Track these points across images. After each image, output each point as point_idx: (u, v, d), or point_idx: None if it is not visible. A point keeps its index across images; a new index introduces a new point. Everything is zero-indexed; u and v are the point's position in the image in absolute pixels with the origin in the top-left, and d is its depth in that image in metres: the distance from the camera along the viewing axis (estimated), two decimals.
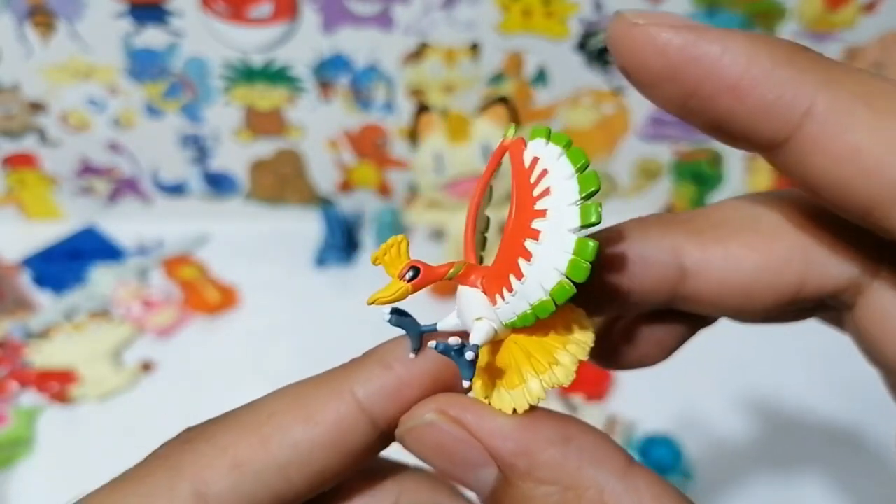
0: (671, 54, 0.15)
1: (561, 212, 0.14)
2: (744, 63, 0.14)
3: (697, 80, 0.15)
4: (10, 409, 0.53)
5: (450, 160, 0.57)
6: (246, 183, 0.66)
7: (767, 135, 0.15)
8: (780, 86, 0.14)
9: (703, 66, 0.15)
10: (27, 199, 0.67)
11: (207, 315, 0.60)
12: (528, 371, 0.16)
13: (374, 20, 0.56)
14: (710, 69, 0.15)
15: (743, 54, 0.14)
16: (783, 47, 0.15)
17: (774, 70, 0.14)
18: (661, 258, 0.18)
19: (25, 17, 0.55)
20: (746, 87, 0.14)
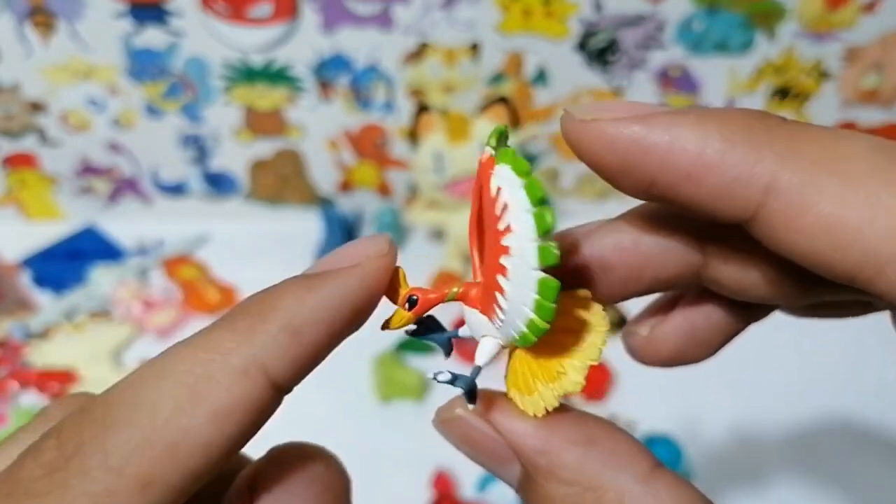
0: (621, 149, 0.15)
1: (522, 250, 0.14)
2: (694, 149, 0.14)
3: (652, 172, 0.15)
4: (10, 409, 0.53)
5: (450, 160, 0.57)
6: (246, 183, 0.66)
7: (732, 213, 0.14)
8: (735, 167, 0.14)
9: (655, 157, 0.14)
10: (27, 199, 0.67)
11: (207, 315, 0.60)
12: (538, 380, 0.16)
13: (374, 20, 0.56)
14: (663, 160, 0.14)
15: (693, 140, 0.14)
16: (736, 123, 0.14)
17: (728, 152, 0.14)
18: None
19: (25, 17, 0.56)
20: (700, 173, 0.14)
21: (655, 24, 0.56)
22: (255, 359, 0.14)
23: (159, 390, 0.14)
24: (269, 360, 0.15)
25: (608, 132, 0.15)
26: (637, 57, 0.58)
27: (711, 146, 0.14)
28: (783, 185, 0.13)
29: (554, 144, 0.63)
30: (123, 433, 0.13)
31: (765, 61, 0.57)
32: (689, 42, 0.56)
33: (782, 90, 0.59)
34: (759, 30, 0.56)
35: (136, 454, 0.13)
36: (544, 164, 0.64)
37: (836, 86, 0.59)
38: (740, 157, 0.14)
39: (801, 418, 0.51)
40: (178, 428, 0.14)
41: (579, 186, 0.65)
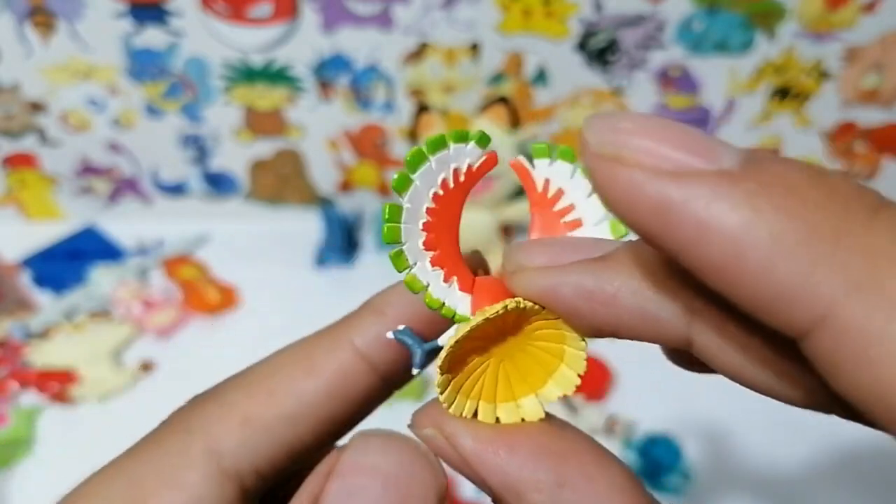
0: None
1: (593, 230, 0.16)
2: (766, 247, 0.11)
3: (699, 250, 0.11)
4: (10, 409, 0.53)
5: None
6: (246, 183, 0.66)
7: (784, 324, 0.11)
8: (782, 283, 0.11)
9: (711, 237, 0.11)
10: (27, 199, 0.67)
11: (207, 315, 0.60)
12: (523, 387, 0.16)
13: (374, 20, 0.56)
14: (723, 245, 0.11)
15: (767, 234, 0.11)
16: (827, 222, 0.11)
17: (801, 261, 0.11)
18: (666, 321, 0.14)
19: (25, 17, 0.55)
20: (760, 276, 0.11)
21: (655, 24, 0.56)
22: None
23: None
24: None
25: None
26: (637, 57, 0.58)
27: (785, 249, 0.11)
28: (845, 323, 0.10)
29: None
30: (237, 381, 0.18)
31: (765, 61, 0.57)
32: (689, 42, 0.57)
33: (782, 90, 0.59)
34: (759, 30, 0.56)
35: (242, 397, 0.17)
36: None
37: (836, 86, 0.59)
38: (789, 271, 0.11)
39: (802, 418, 0.51)
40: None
41: None
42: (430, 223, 0.16)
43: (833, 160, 0.63)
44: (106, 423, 0.53)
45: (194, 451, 0.16)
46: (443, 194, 0.16)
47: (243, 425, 0.16)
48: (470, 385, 0.16)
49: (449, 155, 0.16)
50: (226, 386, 0.18)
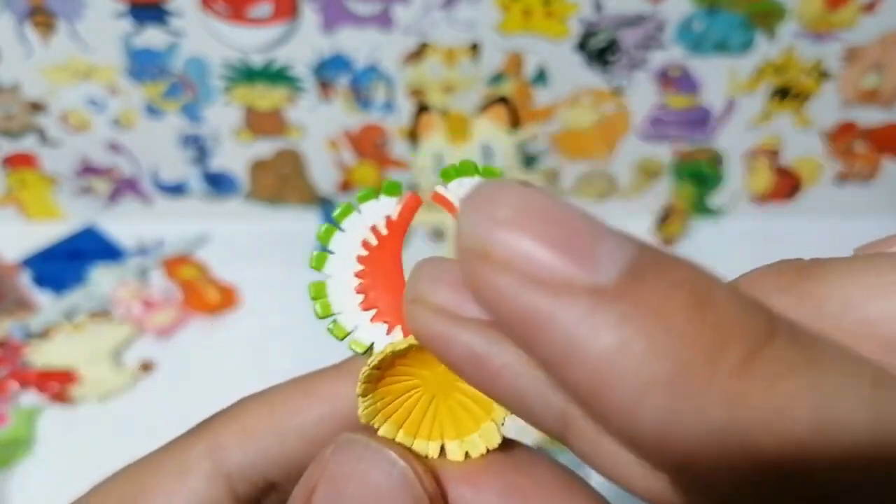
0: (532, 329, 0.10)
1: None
2: (630, 385, 0.10)
3: (564, 370, 0.10)
4: (10, 409, 0.53)
5: (450, 160, 0.57)
6: (246, 183, 0.66)
7: (646, 460, 0.11)
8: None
9: (576, 362, 0.10)
10: (27, 199, 0.67)
11: (207, 315, 0.60)
12: (450, 430, 0.15)
13: (374, 20, 0.56)
14: (587, 373, 0.10)
15: (633, 370, 0.10)
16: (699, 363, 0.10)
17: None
18: (543, 415, 0.13)
19: (25, 17, 0.55)
20: (623, 413, 0.10)
21: (655, 24, 0.56)
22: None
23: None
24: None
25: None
26: (637, 57, 0.58)
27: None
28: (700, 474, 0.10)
29: (554, 144, 0.63)
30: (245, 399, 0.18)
31: (765, 61, 0.57)
32: (689, 42, 0.57)
33: (782, 90, 0.59)
34: (759, 30, 0.56)
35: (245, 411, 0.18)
36: (544, 164, 0.64)
37: (836, 86, 0.59)
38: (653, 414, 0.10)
39: None
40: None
41: (579, 186, 0.65)
42: (365, 284, 0.16)
43: (833, 160, 0.63)
44: (106, 423, 0.53)
45: (196, 452, 0.17)
46: (367, 254, 0.16)
47: (242, 433, 0.17)
48: (400, 415, 0.15)
49: (361, 216, 0.16)
50: (234, 404, 0.18)
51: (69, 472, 0.49)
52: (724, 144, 0.63)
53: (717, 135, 0.62)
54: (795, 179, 0.65)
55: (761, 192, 0.65)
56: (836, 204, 0.65)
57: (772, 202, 0.66)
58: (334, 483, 0.14)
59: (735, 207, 0.66)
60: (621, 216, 0.66)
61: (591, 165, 0.64)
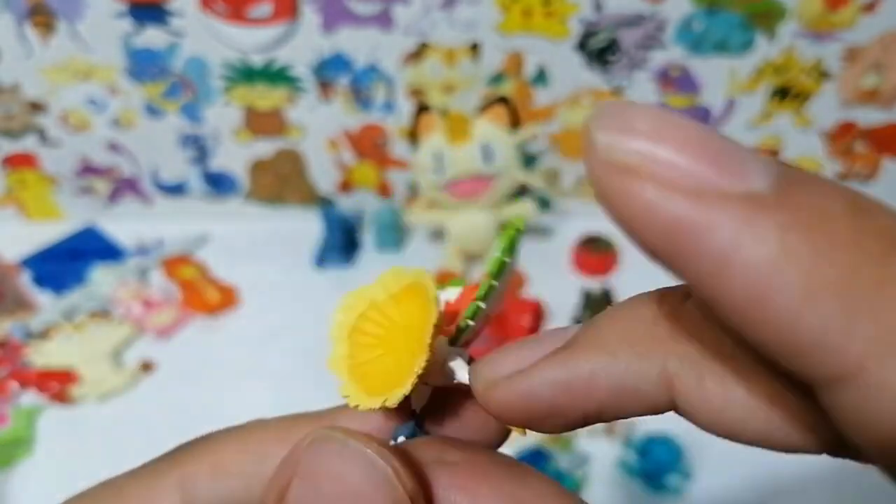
0: (681, 242, 0.10)
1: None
2: (796, 291, 0.09)
3: (717, 284, 0.10)
4: (10, 409, 0.53)
5: (450, 160, 0.57)
6: (246, 183, 0.66)
7: (804, 373, 0.10)
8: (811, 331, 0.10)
9: (733, 274, 0.10)
10: (27, 199, 0.67)
11: (207, 315, 0.60)
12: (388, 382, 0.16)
13: (374, 20, 0.56)
14: (746, 284, 0.10)
15: (798, 276, 0.09)
16: (868, 266, 0.10)
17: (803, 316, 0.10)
18: (645, 389, 0.13)
19: (25, 17, 0.55)
20: (785, 322, 0.10)
21: (655, 24, 0.56)
22: None
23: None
24: None
25: (667, 209, 0.10)
26: (637, 57, 0.58)
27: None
28: (881, 382, 0.09)
29: (554, 144, 0.63)
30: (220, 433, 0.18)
31: (765, 61, 0.57)
32: (689, 42, 0.57)
33: (782, 90, 0.59)
34: (759, 30, 0.56)
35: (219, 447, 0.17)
36: (544, 164, 0.64)
37: (836, 86, 0.59)
38: (820, 321, 0.10)
39: None
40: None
41: (579, 186, 0.65)
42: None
43: (833, 160, 0.63)
44: (106, 423, 0.53)
45: (166, 483, 0.17)
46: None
47: (213, 469, 0.17)
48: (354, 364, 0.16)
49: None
50: (209, 435, 0.18)
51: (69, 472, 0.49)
52: None
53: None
54: None
55: None
56: None
57: None
58: (310, 480, 0.14)
59: None
60: None
61: None
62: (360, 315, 0.16)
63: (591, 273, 0.62)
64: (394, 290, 0.16)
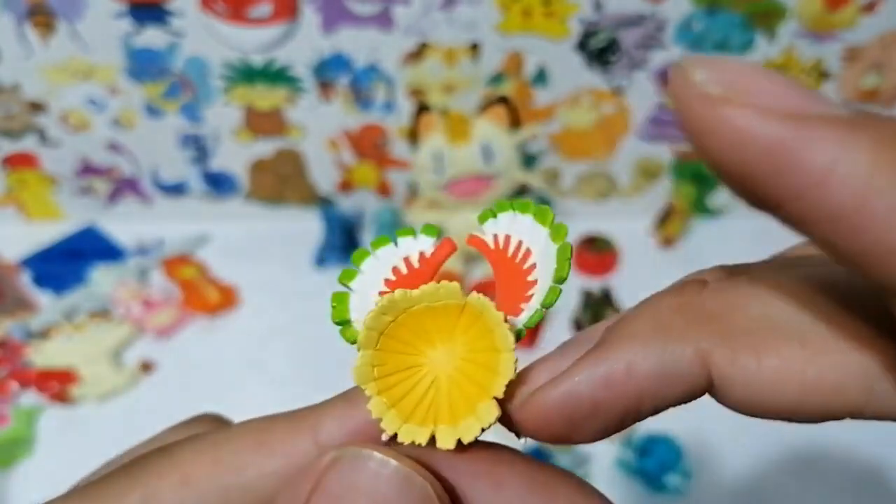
0: (781, 159, 0.11)
1: (544, 247, 0.16)
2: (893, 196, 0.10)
3: (817, 196, 0.11)
4: (10, 409, 0.53)
5: (450, 160, 0.57)
6: (246, 183, 0.66)
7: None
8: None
9: (834, 183, 0.11)
10: (27, 199, 0.67)
11: (207, 315, 0.60)
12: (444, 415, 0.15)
13: (374, 20, 0.56)
14: (846, 192, 0.11)
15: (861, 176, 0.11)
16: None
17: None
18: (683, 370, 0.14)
19: (25, 17, 0.55)
20: (882, 226, 0.11)
21: (655, 24, 0.56)
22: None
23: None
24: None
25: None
26: (637, 57, 0.58)
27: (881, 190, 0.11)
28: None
29: (554, 144, 0.63)
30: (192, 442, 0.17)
31: (765, 61, 0.57)
32: (689, 42, 0.57)
33: None
34: (759, 30, 0.56)
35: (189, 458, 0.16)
36: (544, 164, 0.64)
37: (836, 86, 0.59)
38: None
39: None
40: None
41: (579, 186, 0.65)
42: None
43: None
44: (106, 423, 0.53)
45: (130, 500, 0.16)
46: (395, 280, 0.16)
47: (182, 484, 0.16)
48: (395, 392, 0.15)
49: (396, 248, 0.17)
50: (180, 444, 0.17)
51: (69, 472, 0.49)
52: None
53: None
54: None
55: None
56: None
57: None
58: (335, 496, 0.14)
59: (735, 207, 0.66)
60: (621, 216, 0.66)
61: (591, 165, 0.64)
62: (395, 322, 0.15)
63: (591, 273, 0.62)
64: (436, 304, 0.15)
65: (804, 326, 0.13)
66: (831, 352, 0.13)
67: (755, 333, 0.13)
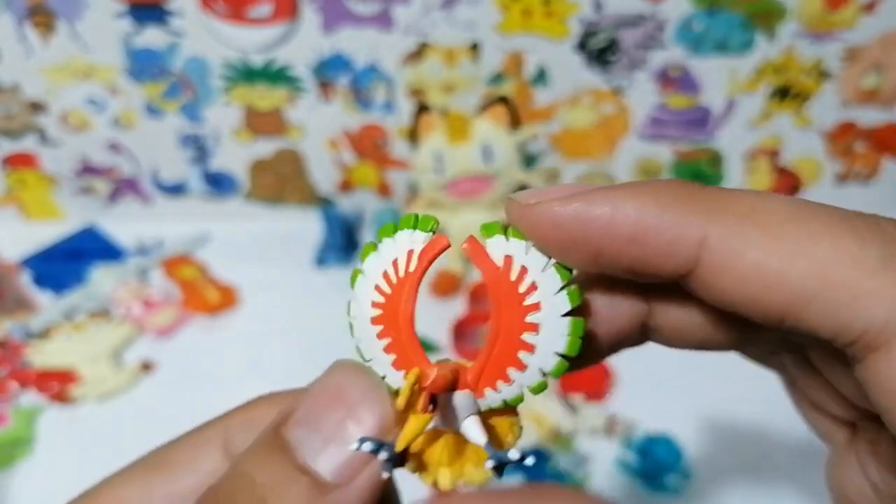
0: (567, 226, 0.16)
1: (551, 301, 0.16)
2: (633, 215, 0.15)
3: (597, 241, 0.16)
4: (10, 409, 0.53)
5: (450, 160, 0.57)
6: (246, 183, 0.66)
7: (673, 270, 0.16)
8: (671, 227, 0.15)
9: (598, 227, 0.16)
10: (27, 199, 0.67)
11: (207, 315, 0.60)
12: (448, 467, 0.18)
13: (374, 20, 0.56)
14: (606, 229, 0.16)
15: (631, 208, 0.15)
16: (668, 191, 0.16)
17: (663, 214, 0.15)
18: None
19: (25, 17, 0.56)
20: (641, 236, 0.15)
21: (655, 24, 0.56)
22: None
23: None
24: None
25: (553, 211, 0.16)
26: (637, 57, 0.58)
27: (648, 212, 0.15)
28: (714, 240, 0.15)
29: (554, 144, 0.63)
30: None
31: (765, 61, 0.57)
32: (689, 42, 0.57)
33: (782, 90, 0.59)
34: (759, 30, 0.56)
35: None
36: (544, 164, 0.64)
37: (836, 86, 0.59)
38: (674, 218, 0.15)
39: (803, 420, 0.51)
40: None
41: None
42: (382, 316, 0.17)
43: (833, 160, 0.63)
44: (106, 423, 0.53)
45: (214, 433, 0.19)
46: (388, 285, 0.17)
47: (247, 424, 0.18)
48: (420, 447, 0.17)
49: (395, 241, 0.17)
50: (247, 401, 0.20)
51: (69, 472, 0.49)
52: (723, 144, 0.63)
53: (717, 135, 0.62)
54: (795, 179, 0.65)
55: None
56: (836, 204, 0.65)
57: None
58: (315, 396, 0.17)
59: None
60: None
61: (591, 165, 0.64)
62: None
63: None
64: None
65: (785, 227, 0.15)
66: (798, 252, 0.15)
67: (746, 222, 0.15)
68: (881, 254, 0.14)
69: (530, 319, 0.16)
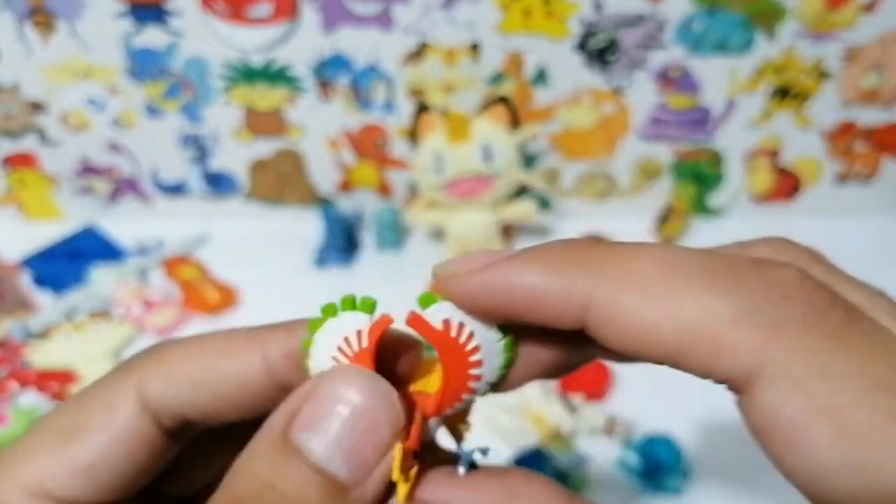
0: (478, 297, 0.18)
1: (489, 338, 0.19)
2: (528, 285, 0.17)
3: (504, 308, 0.18)
4: (10, 409, 0.53)
5: (450, 160, 0.57)
6: (246, 183, 0.66)
7: (570, 325, 0.17)
8: (559, 293, 0.17)
9: (503, 297, 0.17)
10: (27, 199, 0.67)
11: (207, 315, 0.60)
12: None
13: (374, 20, 0.56)
14: (508, 298, 0.17)
15: (526, 278, 0.17)
16: (557, 257, 0.17)
17: (551, 284, 0.17)
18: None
19: (25, 17, 0.56)
20: (537, 302, 0.17)
21: (655, 24, 0.56)
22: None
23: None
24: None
25: (464, 285, 0.18)
26: (637, 57, 0.58)
27: (539, 281, 0.17)
28: (595, 303, 0.16)
29: (554, 144, 0.63)
30: (178, 341, 0.21)
31: (765, 61, 0.57)
32: (689, 42, 0.57)
33: (782, 90, 0.59)
34: (759, 30, 0.56)
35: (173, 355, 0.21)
36: (544, 164, 0.64)
37: (836, 86, 0.59)
38: (561, 284, 0.17)
39: None
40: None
41: (579, 186, 0.65)
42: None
43: (833, 160, 0.63)
44: None
45: (126, 387, 0.19)
46: (349, 352, 0.19)
47: (164, 378, 0.20)
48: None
49: (339, 322, 0.19)
50: (170, 344, 0.21)
51: None
52: (724, 144, 0.63)
53: (717, 135, 0.62)
54: (795, 179, 0.65)
55: (761, 192, 0.65)
56: (836, 204, 0.65)
57: (772, 202, 0.66)
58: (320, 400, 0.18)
59: (735, 207, 0.66)
60: (621, 216, 0.66)
61: (591, 165, 0.64)
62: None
63: None
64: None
65: (653, 286, 0.16)
66: (666, 310, 0.16)
67: (622, 284, 0.16)
68: (740, 304, 0.15)
69: (473, 359, 0.19)
